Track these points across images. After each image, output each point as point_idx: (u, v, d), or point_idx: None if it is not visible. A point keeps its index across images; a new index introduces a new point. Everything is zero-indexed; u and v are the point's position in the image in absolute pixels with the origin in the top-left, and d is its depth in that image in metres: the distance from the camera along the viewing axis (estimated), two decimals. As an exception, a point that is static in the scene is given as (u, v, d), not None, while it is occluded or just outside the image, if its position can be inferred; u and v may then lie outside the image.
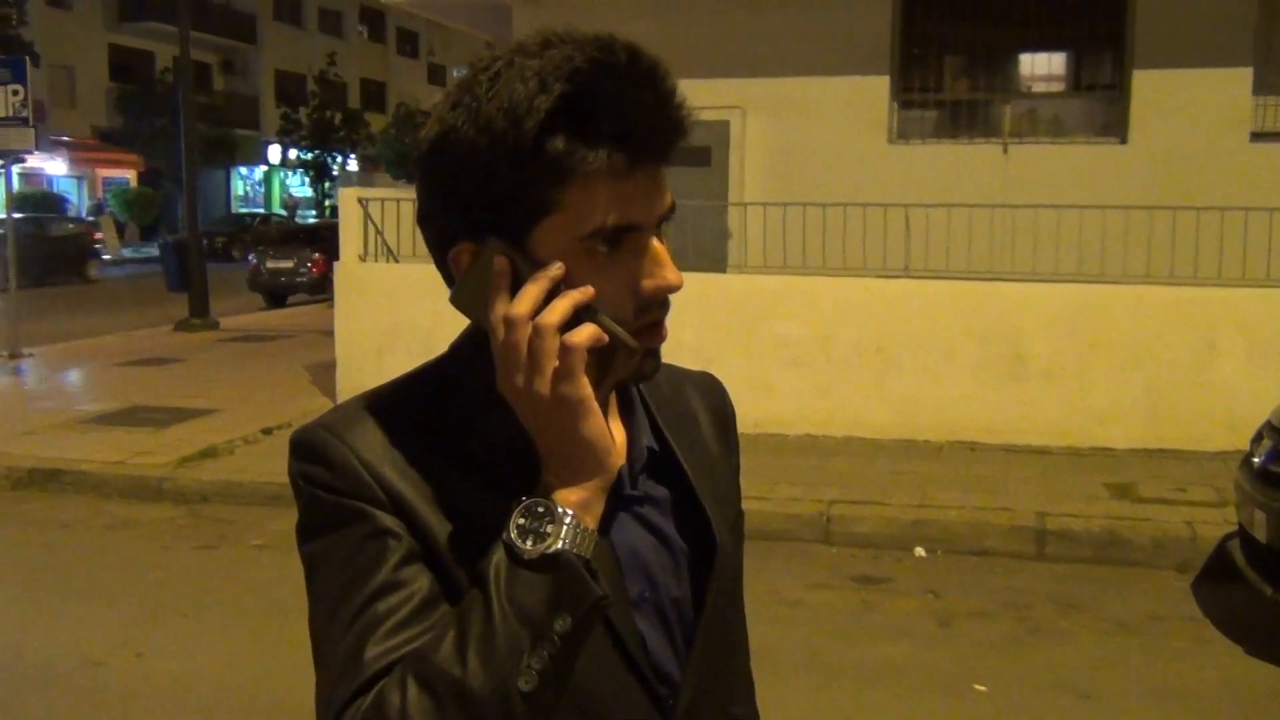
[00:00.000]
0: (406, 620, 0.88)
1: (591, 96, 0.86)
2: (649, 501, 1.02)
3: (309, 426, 0.97)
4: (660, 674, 0.99)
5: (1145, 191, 8.52)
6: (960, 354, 7.82)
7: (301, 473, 0.95)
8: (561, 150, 0.86)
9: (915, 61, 10.34)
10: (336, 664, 0.88)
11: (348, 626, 0.88)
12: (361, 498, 0.91)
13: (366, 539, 0.90)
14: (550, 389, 0.85)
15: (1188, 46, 9.37)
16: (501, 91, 0.86)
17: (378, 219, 9.24)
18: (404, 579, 0.89)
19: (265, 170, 45.40)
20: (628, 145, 0.87)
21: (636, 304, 0.91)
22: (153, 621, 4.98)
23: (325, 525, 0.93)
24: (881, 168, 9.70)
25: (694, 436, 1.09)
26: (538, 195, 0.87)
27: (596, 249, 0.89)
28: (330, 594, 0.91)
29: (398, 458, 0.93)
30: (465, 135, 0.87)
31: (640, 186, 0.89)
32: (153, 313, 16.74)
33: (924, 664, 4.50)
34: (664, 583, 1.00)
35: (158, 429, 8.38)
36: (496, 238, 0.89)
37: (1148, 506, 6.19)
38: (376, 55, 51.81)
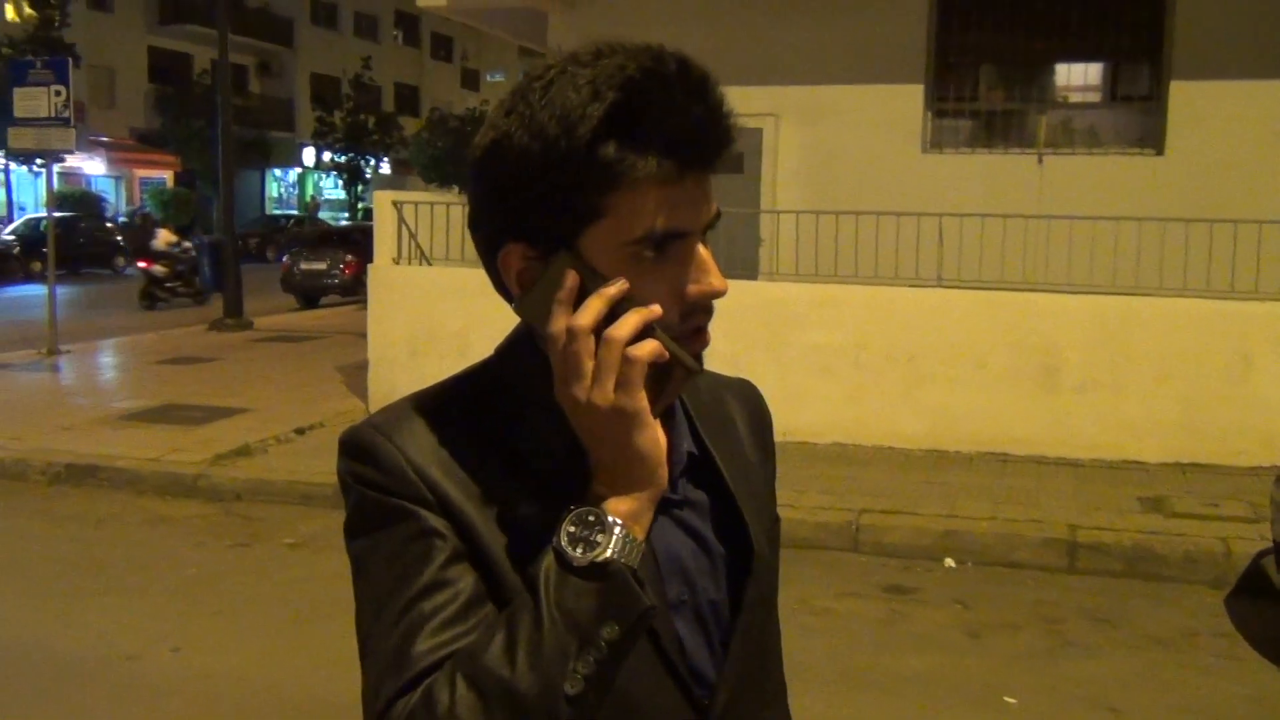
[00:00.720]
0: (452, 619, 0.90)
1: (643, 105, 0.88)
2: (688, 505, 1.03)
3: (358, 426, 0.99)
4: (697, 676, 1.01)
5: (1182, 203, 8.45)
6: (992, 364, 7.78)
7: (350, 471, 0.97)
8: (613, 157, 0.88)
9: (950, 71, 10.31)
10: (383, 659, 0.90)
11: (394, 623, 0.90)
12: (409, 497, 0.93)
13: (413, 538, 0.92)
14: (610, 401, 0.87)
15: (1226, 57, 9.29)
16: (555, 99, 0.88)
17: (411, 222, 9.31)
18: (450, 578, 0.91)
19: (299, 172, 45.78)
20: (677, 153, 0.89)
21: (682, 308, 0.93)
22: (187, 617, 5.05)
23: (373, 523, 0.95)
24: (915, 177, 9.68)
25: (732, 442, 1.11)
26: (588, 201, 0.89)
27: (644, 254, 0.91)
28: (377, 591, 0.93)
29: (445, 458, 0.95)
30: (518, 141, 0.89)
31: (688, 194, 0.91)
32: (187, 312, 16.95)
33: (953, 675, 4.48)
34: (702, 586, 1.02)
35: (192, 427, 8.48)
36: (566, 251, 0.90)
37: (1181, 521, 6.14)
38: (411, 59, 52.16)
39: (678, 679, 0.99)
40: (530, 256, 0.93)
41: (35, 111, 11.71)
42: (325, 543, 6.14)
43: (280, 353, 12.73)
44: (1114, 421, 7.57)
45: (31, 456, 7.56)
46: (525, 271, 0.94)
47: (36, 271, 24.19)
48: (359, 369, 9.85)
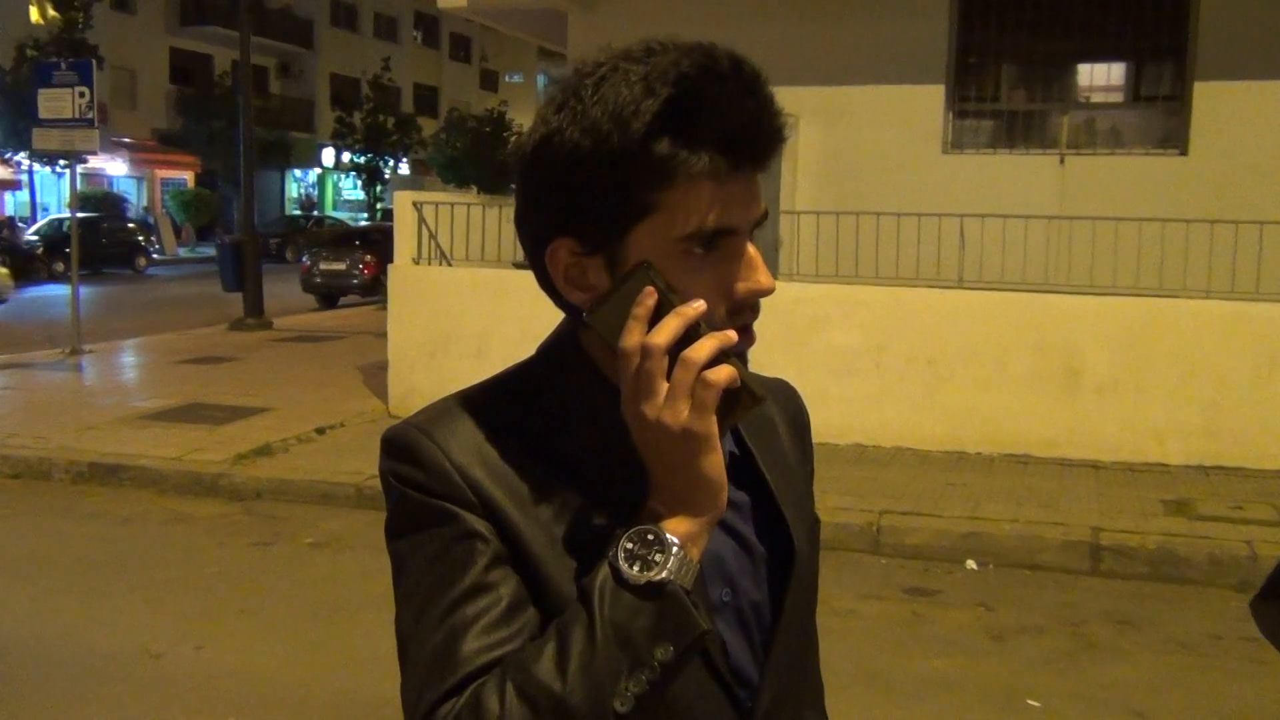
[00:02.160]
0: (496, 622, 0.90)
1: (697, 101, 0.88)
2: (730, 506, 1.01)
3: (401, 425, 0.99)
4: (739, 677, 1.01)
5: (1206, 204, 8.39)
6: (1014, 366, 7.75)
7: (393, 471, 0.96)
8: (666, 153, 0.88)
9: (971, 71, 10.26)
10: (426, 661, 0.90)
11: (437, 626, 0.90)
12: (451, 499, 0.93)
13: (455, 540, 0.92)
14: (681, 422, 0.86)
15: (1251, 57, 9.22)
16: (607, 95, 0.88)
17: (431, 222, 9.34)
18: (492, 581, 0.91)
19: (319, 173, 45.98)
20: (729, 150, 0.90)
21: (729, 306, 0.93)
22: (211, 615, 5.07)
23: (414, 524, 0.95)
24: (936, 177, 9.64)
25: (772, 443, 1.11)
26: (639, 196, 0.89)
27: (693, 250, 0.91)
28: (419, 593, 0.93)
29: (488, 459, 0.95)
30: (569, 137, 0.89)
31: (738, 192, 0.92)
32: (208, 312, 17.04)
33: (976, 678, 4.46)
34: (744, 587, 1.02)
35: (214, 426, 8.52)
36: (650, 266, 0.89)
37: (1205, 524, 6.10)
38: (430, 60, 52.32)
39: (721, 682, 0.98)
40: (578, 252, 0.93)
41: (60, 113, 11.79)
42: (346, 542, 6.17)
43: (300, 353, 12.79)
44: (1137, 423, 7.52)
45: (56, 455, 7.62)
46: (573, 267, 0.94)
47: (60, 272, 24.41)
48: (379, 369, 9.88)
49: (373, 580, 5.48)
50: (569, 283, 0.95)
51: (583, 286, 0.95)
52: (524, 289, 8.90)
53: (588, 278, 0.94)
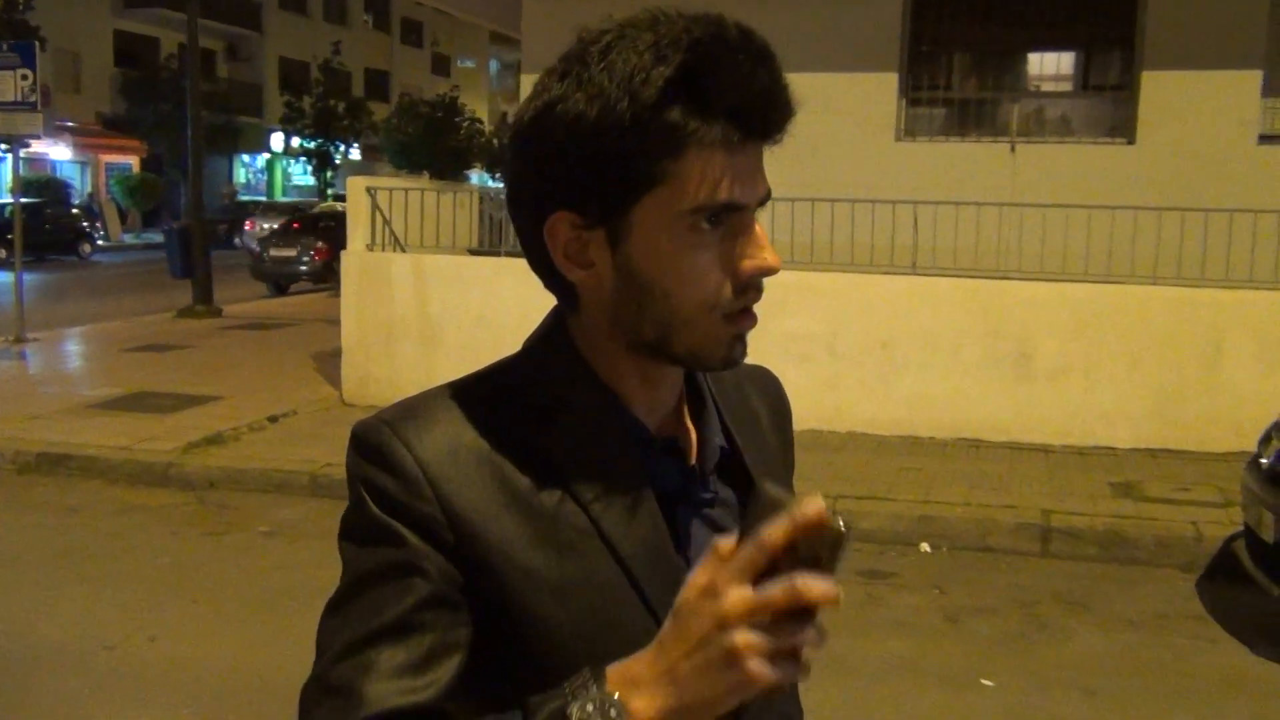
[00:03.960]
0: (410, 668, 0.85)
1: (709, 69, 0.85)
2: (718, 503, 1.00)
3: (374, 422, 0.94)
4: None
5: (1153, 192, 8.53)
6: (966, 351, 7.84)
7: (360, 473, 0.92)
8: (677, 121, 0.85)
9: (924, 59, 10.35)
10: (330, 683, 0.86)
11: (351, 653, 0.86)
12: (410, 516, 0.89)
13: (397, 568, 0.88)
14: (729, 689, 0.75)
15: (1198, 48, 9.37)
16: (615, 62, 0.85)
17: (385, 208, 9.25)
18: (420, 622, 0.87)
19: (268, 158, 45.36)
20: (741, 120, 0.87)
21: (735, 285, 0.90)
22: (164, 606, 5.01)
23: (365, 535, 0.90)
24: (889, 165, 9.71)
25: (757, 435, 1.08)
26: (647, 166, 0.86)
27: (700, 225, 0.88)
28: (347, 607, 0.89)
29: (463, 461, 0.91)
30: (574, 106, 0.86)
31: (747, 165, 0.89)
32: (156, 299, 16.76)
33: (931, 659, 4.53)
34: None
35: (164, 415, 8.40)
36: (781, 507, 0.75)
37: (1152, 506, 6.22)
38: (381, 44, 51.75)
39: None
40: (580, 226, 0.90)
41: (1, 95, 11.52)
42: (301, 530, 6.11)
43: (251, 340, 12.63)
44: (1086, 408, 7.65)
45: (1, 446, 7.47)
46: (573, 243, 0.91)
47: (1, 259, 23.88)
48: (332, 356, 9.79)
49: (327, 568, 5.39)
50: (568, 259, 0.92)
51: (582, 263, 0.92)
52: (479, 276, 8.88)
53: (588, 253, 0.91)
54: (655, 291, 0.90)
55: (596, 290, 0.93)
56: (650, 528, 0.93)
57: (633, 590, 0.91)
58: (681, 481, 0.98)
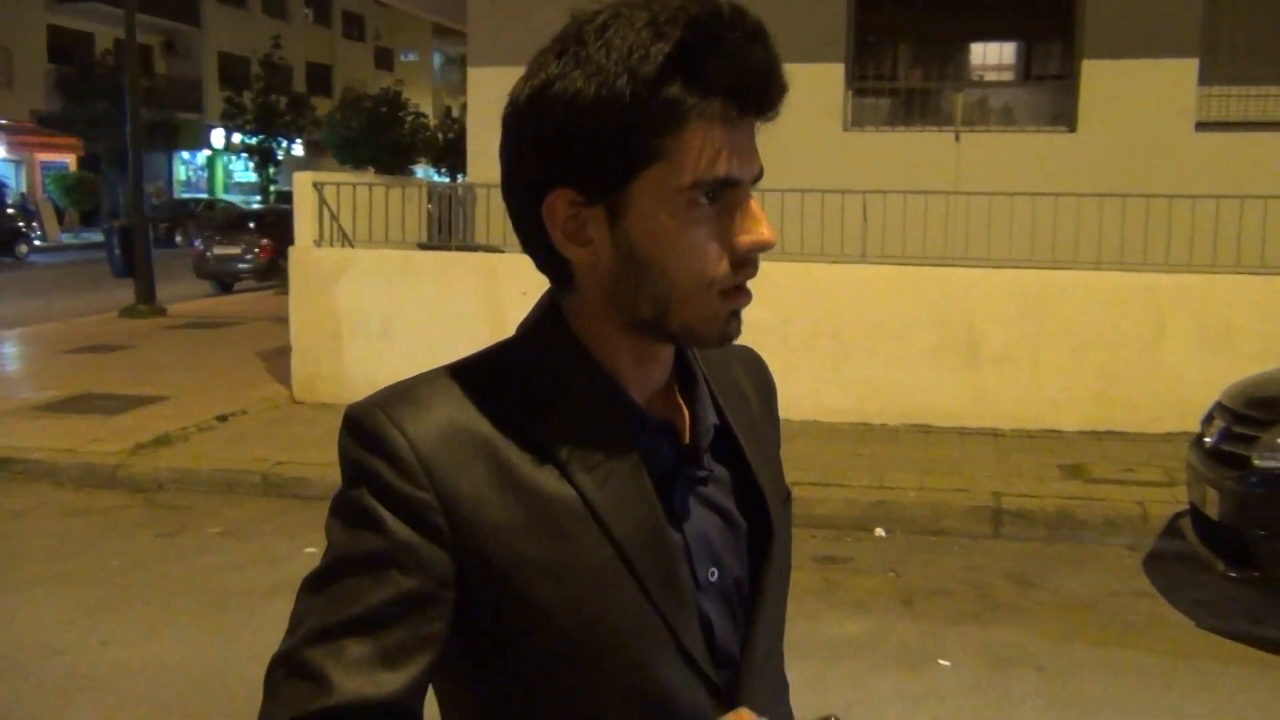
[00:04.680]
0: (380, 660, 0.87)
1: (708, 45, 0.86)
2: (713, 481, 1.01)
3: (368, 405, 0.93)
4: (723, 656, 0.99)
5: (1095, 179, 8.69)
6: (915, 339, 7.93)
7: (355, 457, 0.91)
8: (677, 96, 0.86)
9: (870, 50, 10.45)
10: (299, 666, 0.87)
11: (324, 638, 0.87)
12: (403, 503, 0.89)
13: (375, 558, 0.88)
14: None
15: (1135, 37, 9.56)
16: (613, 40, 0.86)
17: (332, 203, 9.15)
18: (392, 617, 0.88)
19: (209, 155, 44.66)
20: (738, 96, 0.88)
21: (732, 259, 0.92)
22: (115, 609, 4.93)
23: (353, 517, 0.90)
24: (837, 154, 9.79)
25: (747, 412, 1.08)
26: (647, 142, 0.87)
27: (698, 201, 0.89)
28: (326, 585, 0.90)
29: (457, 446, 0.90)
30: (572, 84, 0.87)
31: (743, 142, 0.90)
32: (97, 299, 16.45)
33: (888, 640, 4.59)
34: (728, 564, 1.00)
35: (109, 416, 8.25)
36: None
37: (1099, 486, 6.34)
38: (322, 38, 51.13)
39: (698, 671, 0.95)
40: (578, 203, 0.91)
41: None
42: (254, 530, 6.04)
43: (197, 339, 12.45)
44: (1033, 392, 7.77)
45: (-60, 449, 7.30)
46: (571, 220, 0.91)
47: (-66, 260, 23.32)
48: (280, 354, 9.68)
49: (282, 567, 5.39)
50: (566, 237, 0.92)
51: (580, 240, 0.92)
52: (429, 270, 8.82)
53: (586, 230, 0.92)
54: (653, 268, 0.91)
55: (593, 268, 0.93)
56: (646, 512, 0.93)
57: (628, 574, 0.92)
58: (676, 461, 0.98)
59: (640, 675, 0.92)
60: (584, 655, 0.91)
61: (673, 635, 0.93)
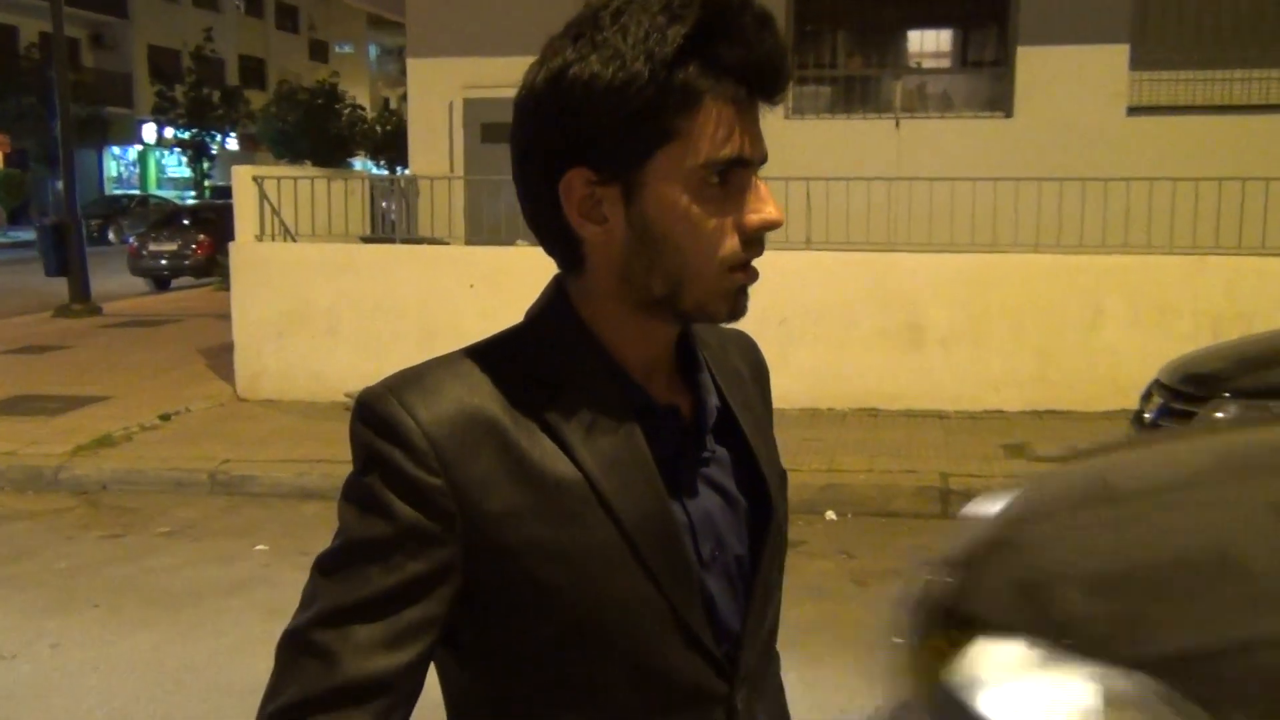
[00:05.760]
0: (388, 642, 0.90)
1: (722, 29, 0.89)
2: (714, 461, 1.03)
3: (380, 391, 0.95)
4: (724, 630, 1.01)
5: (1032, 163, 8.85)
6: (861, 324, 8.03)
7: (366, 442, 0.93)
8: (692, 78, 0.89)
9: (809, 39, 10.54)
10: (310, 642, 0.90)
11: (331, 617, 0.90)
12: (413, 488, 0.91)
13: (387, 543, 0.91)
14: None
15: (1068, 24, 9.74)
16: (629, 24, 0.89)
17: (274, 198, 9.04)
18: (399, 601, 0.91)
19: (140, 150, 43.80)
20: (749, 79, 0.91)
21: (742, 237, 0.95)
22: (64, 612, 4.84)
23: (365, 502, 0.92)
24: (780, 142, 9.68)
25: (744, 394, 1.10)
26: (662, 122, 0.90)
27: (709, 180, 0.92)
28: (337, 568, 0.92)
29: (467, 430, 0.92)
30: (589, 67, 0.89)
31: (751, 124, 0.93)
32: (28, 299, 16.10)
33: (842, 621, 4.66)
34: (729, 542, 1.02)
35: (48, 418, 8.09)
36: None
37: (1042, 465, 6.48)
38: (255, 30, 50.30)
39: (699, 647, 0.98)
40: (594, 182, 0.93)
41: None
42: (204, 529, 5.97)
43: (135, 338, 12.23)
44: (976, 374, 7.91)
45: (-128, 456, 7.11)
46: (587, 199, 0.93)
47: None
48: (223, 351, 9.55)
49: (234, 565, 5.33)
50: (583, 215, 0.94)
51: (596, 219, 0.94)
52: (373, 263, 8.75)
53: (602, 209, 0.94)
54: (667, 245, 0.93)
55: (607, 247, 0.95)
56: (649, 494, 0.95)
57: (632, 555, 0.94)
58: (680, 442, 1.00)
59: (645, 651, 0.95)
60: (590, 633, 0.94)
61: (675, 612, 0.96)
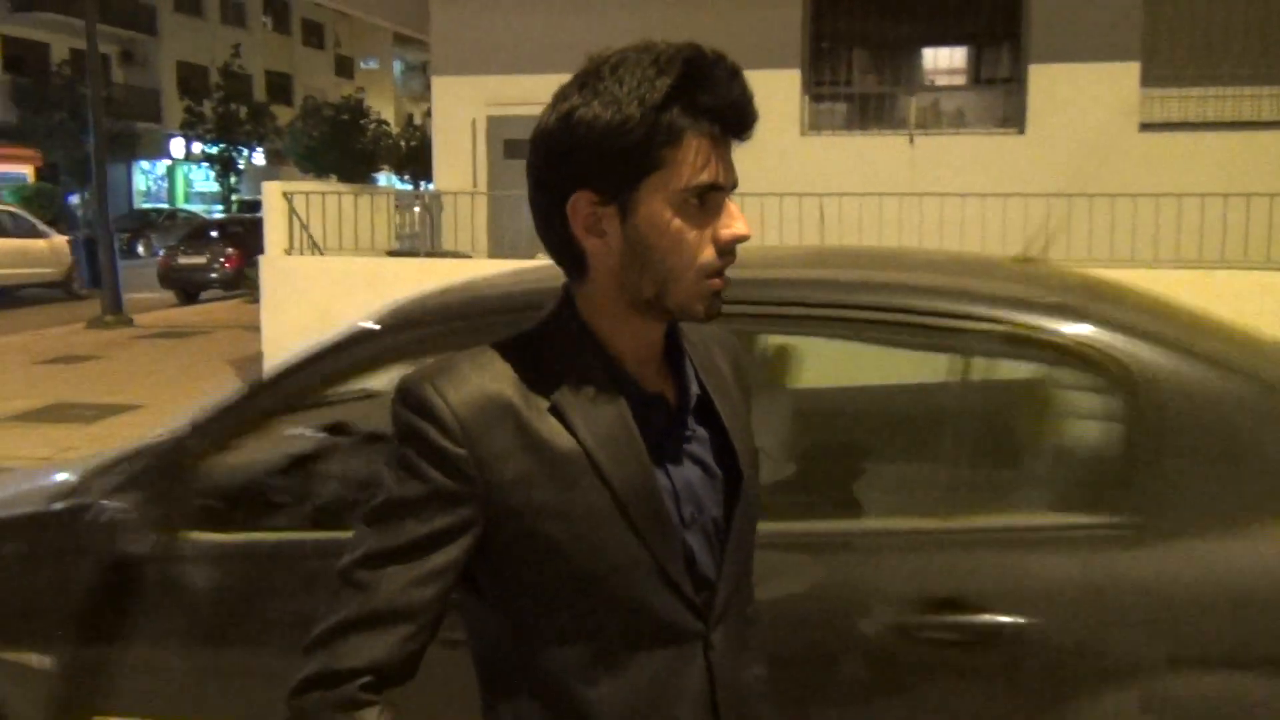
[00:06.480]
0: (411, 582, 1.13)
1: (700, 79, 1.12)
2: (695, 439, 1.24)
3: (416, 378, 1.16)
4: (702, 579, 1.22)
5: (1043, 179, 9.02)
6: (873, 336, 8.18)
7: (406, 419, 1.15)
8: (675, 118, 1.11)
9: (825, 56, 10.75)
10: (354, 578, 1.14)
11: (372, 559, 1.13)
12: (443, 457, 1.12)
13: (419, 501, 1.13)
14: None
15: (1080, 41, 9.91)
16: (624, 75, 1.11)
17: (302, 212, 9.32)
18: (426, 548, 1.13)
19: (169, 164, 44.45)
20: (722, 120, 1.14)
21: (716, 248, 1.15)
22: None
23: (404, 469, 1.15)
24: (795, 159, 10.07)
25: (722, 384, 1.30)
26: (652, 154, 1.12)
27: (690, 201, 1.13)
28: (379, 519, 1.15)
29: (489, 412, 1.14)
30: (592, 110, 1.11)
31: (724, 156, 1.15)
32: (62, 311, 16.45)
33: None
34: (707, 506, 1.23)
35: (86, 424, 8.37)
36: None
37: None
38: (282, 47, 50.99)
39: (678, 592, 1.19)
40: (595, 202, 1.14)
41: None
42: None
43: (167, 348, 12.53)
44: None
45: (-82, 460, 7.39)
46: (590, 216, 1.15)
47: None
48: (252, 361, 9.81)
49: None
50: (586, 230, 1.15)
51: (597, 233, 1.15)
52: (398, 276, 8.98)
53: (602, 224, 1.15)
54: (655, 255, 1.15)
55: (606, 257, 1.17)
56: (637, 465, 1.17)
57: (621, 516, 1.15)
58: (664, 424, 1.22)
59: (631, 596, 1.17)
60: (586, 581, 1.16)
61: (658, 564, 1.18)
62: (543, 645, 1.18)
